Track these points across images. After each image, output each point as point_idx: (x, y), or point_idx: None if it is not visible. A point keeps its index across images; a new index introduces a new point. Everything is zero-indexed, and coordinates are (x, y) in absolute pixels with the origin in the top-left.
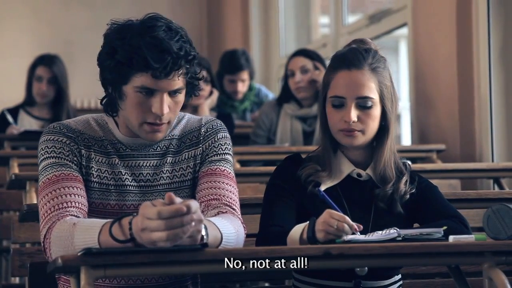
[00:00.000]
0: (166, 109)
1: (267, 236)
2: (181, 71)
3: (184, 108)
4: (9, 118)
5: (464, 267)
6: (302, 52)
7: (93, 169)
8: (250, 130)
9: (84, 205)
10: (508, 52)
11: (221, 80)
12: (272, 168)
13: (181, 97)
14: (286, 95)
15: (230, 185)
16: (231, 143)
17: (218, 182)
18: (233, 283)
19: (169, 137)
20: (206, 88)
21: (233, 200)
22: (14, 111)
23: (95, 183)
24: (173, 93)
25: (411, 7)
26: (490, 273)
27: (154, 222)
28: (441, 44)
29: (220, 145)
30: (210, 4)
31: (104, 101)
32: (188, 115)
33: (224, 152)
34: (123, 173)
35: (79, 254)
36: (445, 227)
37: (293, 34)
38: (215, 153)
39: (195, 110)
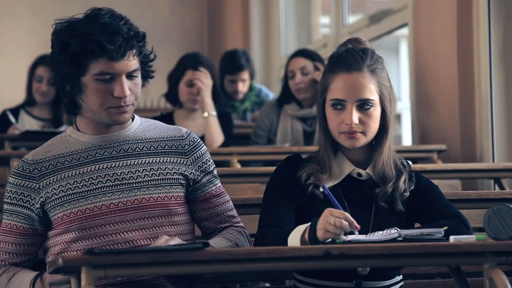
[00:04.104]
0: (127, 91)
1: (266, 236)
2: (134, 50)
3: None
4: (11, 118)
5: (465, 267)
6: (302, 53)
7: (60, 187)
8: (250, 130)
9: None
10: (509, 52)
11: (221, 80)
12: (272, 168)
13: (139, 80)
14: (286, 96)
15: (227, 201)
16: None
17: (220, 204)
18: (233, 283)
19: (142, 141)
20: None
21: (234, 213)
22: (14, 111)
23: (73, 194)
24: (130, 76)
25: (412, 7)
26: (491, 273)
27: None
28: (442, 44)
29: (207, 161)
30: (210, 4)
31: (63, 103)
32: (154, 121)
33: (211, 168)
34: (95, 177)
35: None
36: (445, 227)
37: (294, 34)
38: (206, 171)
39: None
